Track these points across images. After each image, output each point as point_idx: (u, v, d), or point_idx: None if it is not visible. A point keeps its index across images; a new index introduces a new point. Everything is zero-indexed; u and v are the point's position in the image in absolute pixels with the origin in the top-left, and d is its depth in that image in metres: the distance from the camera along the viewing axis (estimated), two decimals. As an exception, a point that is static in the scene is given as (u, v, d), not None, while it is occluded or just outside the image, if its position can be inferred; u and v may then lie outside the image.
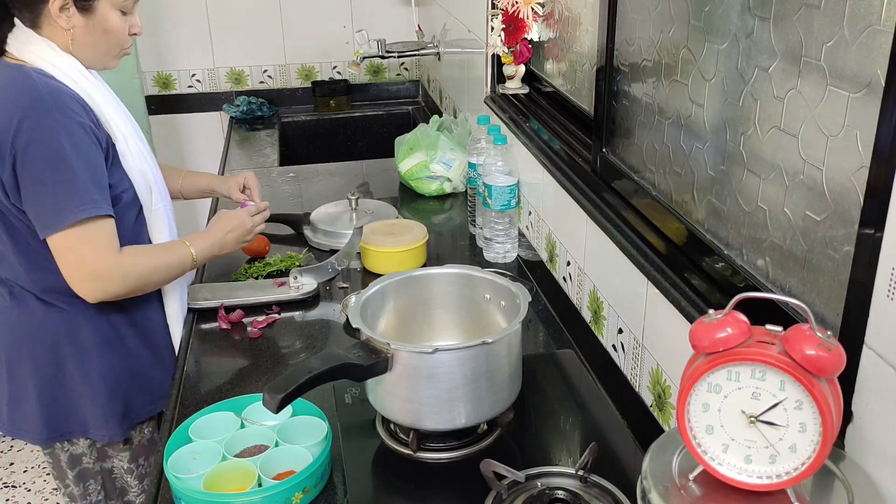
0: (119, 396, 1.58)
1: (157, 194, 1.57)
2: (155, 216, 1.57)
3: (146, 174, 1.54)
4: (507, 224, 1.84)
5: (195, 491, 1.12)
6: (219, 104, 3.31)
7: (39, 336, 1.54)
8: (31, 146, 1.36)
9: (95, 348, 1.55)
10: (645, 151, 1.37)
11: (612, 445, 1.24)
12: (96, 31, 1.46)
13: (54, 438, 1.60)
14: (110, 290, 1.46)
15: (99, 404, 1.56)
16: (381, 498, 1.19)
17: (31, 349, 1.55)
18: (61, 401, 1.57)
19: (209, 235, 1.62)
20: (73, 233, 1.40)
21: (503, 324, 1.30)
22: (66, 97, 1.41)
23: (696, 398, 0.81)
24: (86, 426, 1.59)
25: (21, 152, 1.36)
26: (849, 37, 0.84)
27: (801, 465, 0.78)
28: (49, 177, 1.38)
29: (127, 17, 1.50)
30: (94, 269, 1.43)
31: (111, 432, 1.58)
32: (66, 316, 1.52)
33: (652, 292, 1.24)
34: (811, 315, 0.77)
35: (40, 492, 2.79)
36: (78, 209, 1.38)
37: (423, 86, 3.44)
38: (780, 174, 0.98)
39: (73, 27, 1.44)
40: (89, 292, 1.46)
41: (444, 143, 2.29)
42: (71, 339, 1.53)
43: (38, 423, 1.58)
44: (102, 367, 1.55)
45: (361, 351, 1.16)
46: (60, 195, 1.38)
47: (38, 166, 1.37)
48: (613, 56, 1.46)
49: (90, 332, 1.54)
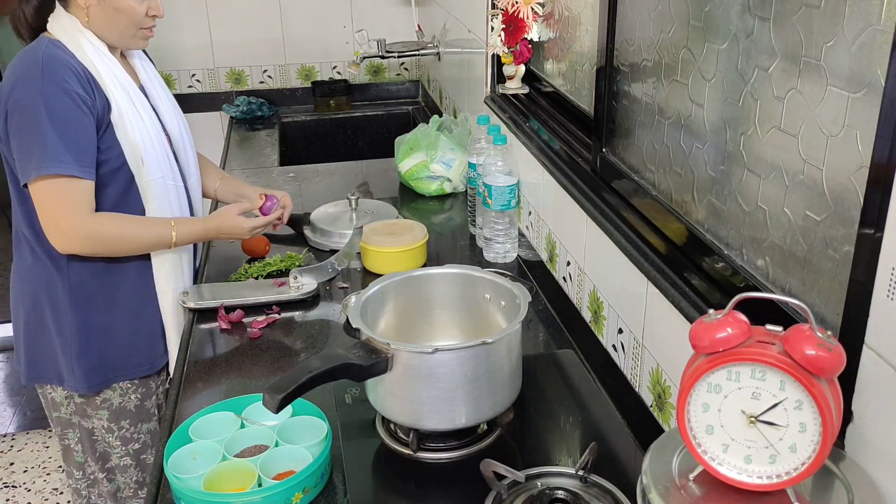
0: (90, 352, 1.69)
1: (152, 167, 1.66)
2: (148, 187, 1.66)
3: (136, 146, 1.62)
4: (507, 224, 1.84)
5: (195, 491, 1.12)
6: (219, 104, 3.31)
7: (28, 283, 1.70)
8: (18, 104, 1.53)
9: (68, 303, 1.67)
10: (645, 151, 1.37)
11: (612, 445, 1.24)
12: (108, 10, 1.60)
13: (34, 380, 1.76)
14: (73, 246, 1.59)
15: (68, 355, 1.68)
16: (381, 498, 1.19)
17: (22, 294, 1.71)
18: (41, 346, 1.72)
19: (202, 224, 1.73)
20: (44, 186, 1.53)
21: (503, 324, 1.30)
22: (60, 65, 1.54)
23: (696, 398, 0.81)
24: (60, 376, 1.71)
25: (11, 109, 1.53)
26: (849, 37, 0.84)
27: (801, 465, 0.78)
28: (25, 132, 1.53)
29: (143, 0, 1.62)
30: (58, 223, 1.56)
31: (77, 384, 1.70)
32: (45, 268, 1.66)
33: (652, 292, 1.24)
34: (811, 315, 0.77)
35: (40, 492, 2.79)
36: (41, 165, 1.51)
37: (423, 86, 3.44)
38: (780, 174, 0.98)
39: (88, 6, 1.59)
40: (56, 244, 1.58)
41: (444, 143, 2.29)
42: (48, 290, 1.66)
43: (23, 362, 1.75)
44: (74, 321, 1.67)
45: (361, 351, 1.16)
46: (31, 150, 1.52)
47: (18, 122, 1.53)
48: (613, 56, 1.46)
49: (63, 287, 1.66)
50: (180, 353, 1.57)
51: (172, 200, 1.72)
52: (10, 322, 1.77)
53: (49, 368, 1.73)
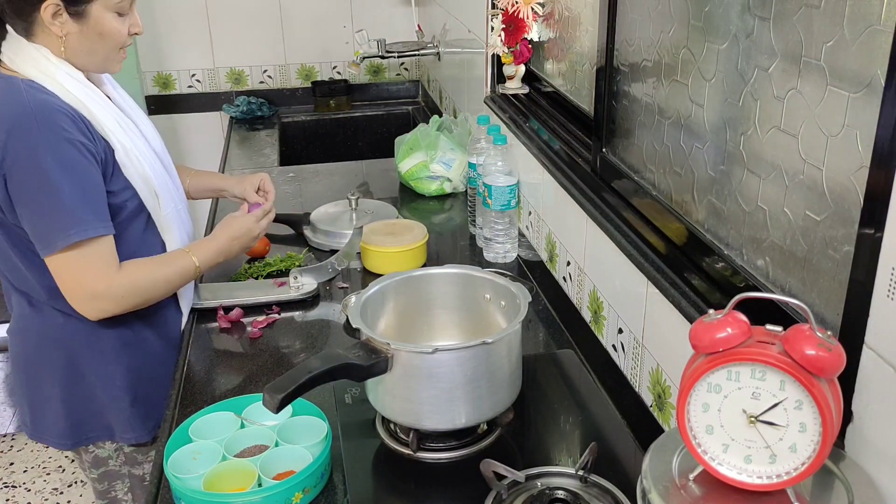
0: (142, 399, 1.57)
1: (166, 198, 1.54)
2: (166, 221, 1.54)
3: (150, 181, 1.50)
4: (507, 224, 1.84)
5: (195, 491, 1.12)
6: (219, 104, 3.31)
7: (59, 345, 1.52)
8: (18, 165, 1.34)
9: (115, 354, 1.53)
10: (645, 151, 1.37)
11: (612, 445, 1.24)
12: (91, 36, 1.41)
13: (80, 443, 1.60)
14: (110, 308, 1.45)
15: (122, 408, 1.55)
16: (381, 498, 1.19)
17: (52, 357, 1.53)
18: (84, 407, 1.56)
19: (214, 242, 1.60)
20: (68, 255, 1.38)
21: (503, 324, 1.30)
22: (54, 112, 1.37)
23: (696, 398, 0.81)
24: (111, 430, 1.58)
25: (9, 172, 1.34)
26: (849, 37, 0.84)
27: (801, 465, 0.78)
28: (37, 198, 1.36)
29: (125, 18, 1.45)
30: (92, 290, 1.42)
31: (136, 434, 1.58)
32: (85, 324, 1.49)
33: (652, 292, 1.24)
34: (811, 315, 0.77)
35: (40, 492, 2.79)
36: (68, 233, 1.36)
37: (423, 86, 3.44)
38: (780, 174, 0.98)
39: (66, 34, 1.39)
40: (90, 312, 1.44)
41: (444, 143, 2.29)
42: (90, 346, 1.52)
43: (62, 429, 1.57)
44: (123, 372, 1.54)
45: (361, 351, 1.16)
46: (48, 217, 1.36)
47: (25, 187, 1.35)
48: (613, 56, 1.46)
49: (110, 338, 1.52)
50: (181, 353, 1.57)
51: (186, 227, 1.62)
52: (8, 322, 1.66)
53: (96, 426, 1.57)
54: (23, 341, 1.56)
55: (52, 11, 1.37)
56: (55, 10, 1.37)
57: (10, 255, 1.47)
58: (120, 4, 1.42)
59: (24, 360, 1.57)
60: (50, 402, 1.56)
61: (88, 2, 1.38)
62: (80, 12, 1.39)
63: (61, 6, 1.37)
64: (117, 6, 1.42)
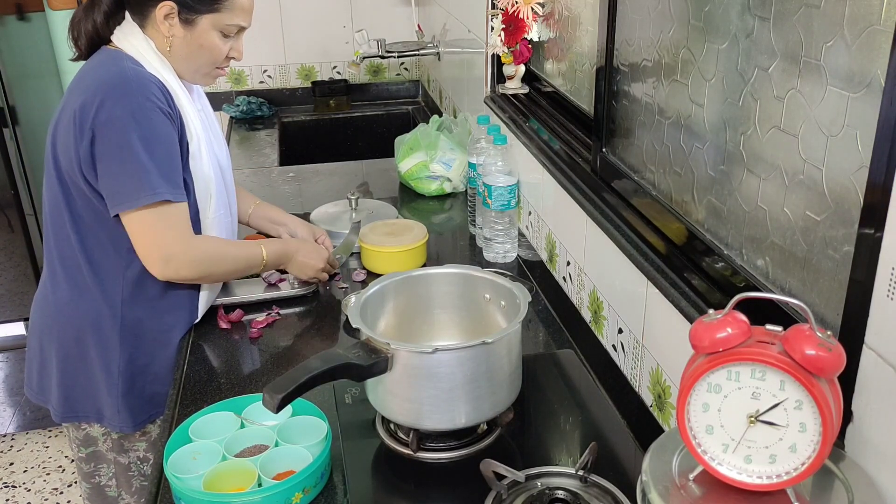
0: (137, 392, 1.60)
1: (218, 204, 1.58)
2: (211, 223, 1.58)
3: (209, 181, 1.56)
4: (507, 224, 1.84)
5: (195, 491, 1.12)
6: (219, 104, 3.31)
7: (68, 321, 1.58)
8: (110, 124, 1.41)
9: (119, 342, 1.57)
10: (645, 151, 1.37)
11: (612, 445, 1.24)
12: (192, 45, 1.51)
13: (69, 418, 1.64)
14: (182, 272, 1.50)
15: (114, 396, 1.59)
16: (381, 498, 1.19)
17: (60, 332, 1.59)
18: (81, 385, 1.61)
19: (285, 245, 1.68)
20: (149, 214, 1.44)
21: (503, 324, 1.30)
22: (149, 83, 1.45)
23: (696, 398, 0.81)
24: (101, 413, 1.62)
25: (100, 130, 1.41)
26: (849, 37, 0.84)
27: (801, 465, 0.78)
28: (125, 156, 1.42)
29: (228, 39, 1.55)
30: (169, 251, 1.48)
31: (122, 424, 1.61)
32: (95, 303, 1.55)
33: (652, 292, 1.24)
34: (811, 315, 0.77)
35: (40, 492, 2.79)
36: (153, 192, 1.42)
37: (423, 86, 3.44)
38: (780, 174, 0.98)
39: (172, 35, 1.50)
40: (162, 272, 1.49)
41: (444, 143, 2.29)
42: (95, 328, 1.56)
43: (57, 399, 1.63)
44: (123, 361, 1.57)
45: (361, 351, 1.16)
46: (135, 176, 1.42)
47: (114, 145, 1.41)
48: (613, 56, 1.46)
49: (114, 325, 1.56)
50: (180, 353, 1.57)
51: (228, 237, 1.65)
52: (9, 322, 1.69)
53: (87, 406, 1.62)
54: (41, 310, 1.63)
55: (165, 12, 1.48)
56: (168, 12, 1.48)
57: (64, 222, 1.53)
58: (228, 27, 1.53)
59: (39, 328, 1.64)
60: (51, 370, 1.62)
61: (201, 14, 1.49)
62: (190, 20, 1.50)
63: (175, 10, 1.48)
64: (225, 27, 1.53)
